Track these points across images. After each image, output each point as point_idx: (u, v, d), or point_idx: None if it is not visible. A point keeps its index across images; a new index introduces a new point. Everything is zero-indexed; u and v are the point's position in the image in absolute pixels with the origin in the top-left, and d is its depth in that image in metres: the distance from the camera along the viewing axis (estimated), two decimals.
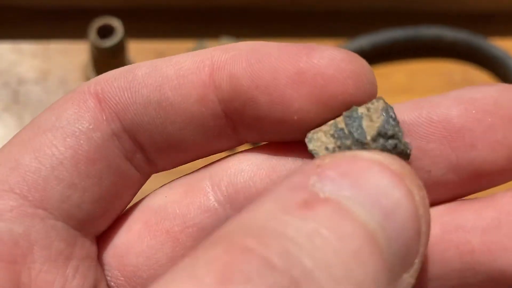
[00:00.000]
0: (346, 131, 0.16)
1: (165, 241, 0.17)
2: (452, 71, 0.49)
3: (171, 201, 0.18)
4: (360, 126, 0.16)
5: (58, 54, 0.47)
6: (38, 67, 0.46)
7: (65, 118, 0.17)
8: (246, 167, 0.17)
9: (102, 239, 0.18)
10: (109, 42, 0.42)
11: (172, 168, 0.18)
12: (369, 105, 0.16)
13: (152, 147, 0.17)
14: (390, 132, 0.15)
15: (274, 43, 0.16)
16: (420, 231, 0.14)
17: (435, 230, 0.16)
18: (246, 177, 0.17)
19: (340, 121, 0.16)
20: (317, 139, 0.16)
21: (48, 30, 0.48)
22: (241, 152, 0.18)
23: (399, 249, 0.13)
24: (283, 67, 0.16)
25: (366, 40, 0.47)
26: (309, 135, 0.16)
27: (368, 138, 0.15)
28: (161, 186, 0.18)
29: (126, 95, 0.17)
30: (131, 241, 0.18)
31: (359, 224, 0.13)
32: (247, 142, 0.18)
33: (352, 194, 0.13)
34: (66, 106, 0.17)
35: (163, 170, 0.18)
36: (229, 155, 0.18)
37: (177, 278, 0.12)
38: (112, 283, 0.18)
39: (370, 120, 0.16)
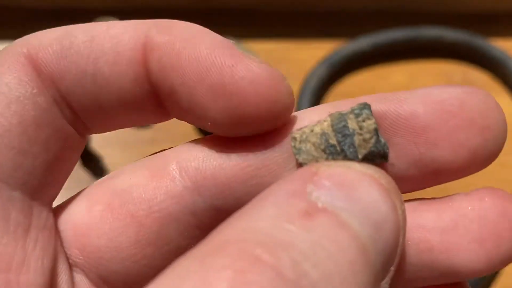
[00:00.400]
0: (338, 148, 0.16)
1: (129, 225, 0.17)
2: (452, 71, 0.49)
3: (136, 184, 0.17)
4: (353, 144, 0.16)
5: None
6: None
7: (4, 84, 0.16)
8: (215, 154, 0.17)
9: (61, 216, 0.18)
10: None
11: (107, 131, 0.18)
12: (360, 119, 0.16)
13: (86, 115, 0.17)
14: (381, 153, 0.16)
15: (208, 36, 0.16)
16: (399, 243, 0.15)
17: None
18: (215, 164, 0.17)
19: (330, 134, 0.16)
20: (307, 153, 0.16)
21: None
22: (210, 137, 0.18)
23: (383, 259, 0.14)
24: (208, 73, 0.16)
25: (366, 41, 0.47)
26: (297, 144, 0.16)
27: (360, 157, 0.16)
28: (124, 167, 0.18)
29: (62, 63, 0.17)
30: (93, 222, 0.17)
31: (354, 236, 0.13)
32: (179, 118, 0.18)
33: (347, 205, 0.14)
34: (2, 70, 0.16)
35: (100, 133, 0.18)
36: (198, 139, 0.18)
37: (188, 281, 0.11)
38: (70, 261, 0.17)
39: (363, 139, 0.16)
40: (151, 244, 0.17)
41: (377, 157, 0.16)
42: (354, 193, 0.14)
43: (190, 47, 0.16)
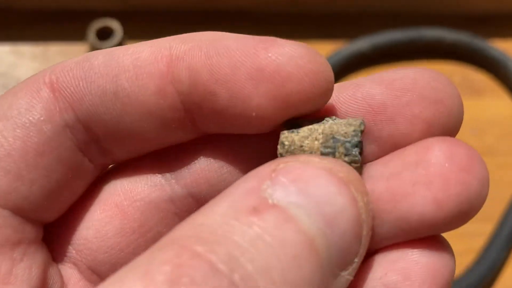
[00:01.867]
0: None
1: (114, 215, 0.18)
2: (452, 72, 0.49)
3: (120, 177, 0.19)
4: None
5: (58, 56, 0.47)
6: (37, 69, 0.46)
7: (16, 108, 0.17)
8: (191, 144, 0.18)
9: (58, 219, 0.18)
10: (108, 44, 0.42)
11: (129, 158, 0.19)
12: (347, 160, 0.16)
13: (108, 138, 0.18)
14: (358, 161, 0.16)
15: (233, 35, 0.17)
16: (361, 235, 0.15)
17: None
18: (190, 154, 0.18)
19: (318, 147, 0.17)
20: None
21: (47, 32, 0.48)
22: None
23: (339, 252, 0.14)
24: (242, 61, 0.16)
25: (366, 42, 0.47)
26: (283, 153, 0.17)
27: None
28: (112, 165, 0.19)
29: (81, 85, 0.17)
30: (82, 216, 0.18)
31: (300, 230, 0.14)
32: (206, 133, 0.18)
33: (299, 201, 0.14)
34: (19, 95, 0.17)
35: (119, 161, 0.19)
36: None
37: (132, 274, 0.12)
38: (64, 256, 0.18)
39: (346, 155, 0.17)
40: (135, 232, 0.18)
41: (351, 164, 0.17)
42: (309, 188, 0.14)
43: (217, 45, 0.16)
